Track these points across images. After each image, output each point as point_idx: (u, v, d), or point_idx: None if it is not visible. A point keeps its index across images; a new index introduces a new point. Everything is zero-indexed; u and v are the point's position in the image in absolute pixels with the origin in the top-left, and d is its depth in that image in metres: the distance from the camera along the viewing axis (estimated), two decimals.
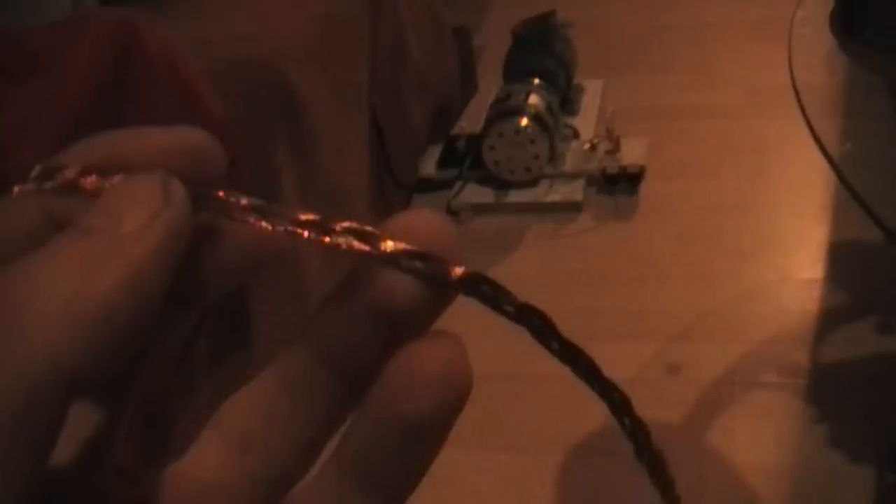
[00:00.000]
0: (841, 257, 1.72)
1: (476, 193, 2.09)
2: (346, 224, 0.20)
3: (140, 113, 1.16)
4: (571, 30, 2.33)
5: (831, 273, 1.70)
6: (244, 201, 0.21)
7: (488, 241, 1.96)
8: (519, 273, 1.86)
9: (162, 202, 0.20)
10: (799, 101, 0.86)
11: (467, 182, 2.11)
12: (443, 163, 2.17)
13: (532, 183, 2.06)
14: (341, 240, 0.20)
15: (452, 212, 2.06)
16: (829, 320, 1.60)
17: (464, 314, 0.21)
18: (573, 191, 2.03)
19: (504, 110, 2.02)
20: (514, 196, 2.06)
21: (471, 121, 2.27)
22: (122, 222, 0.19)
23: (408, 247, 0.19)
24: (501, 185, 2.07)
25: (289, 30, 1.64)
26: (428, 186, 2.16)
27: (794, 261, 1.75)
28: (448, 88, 2.32)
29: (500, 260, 1.90)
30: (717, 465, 1.40)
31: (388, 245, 0.19)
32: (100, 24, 1.18)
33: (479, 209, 2.07)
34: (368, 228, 0.20)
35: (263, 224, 0.20)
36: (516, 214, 2.05)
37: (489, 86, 2.28)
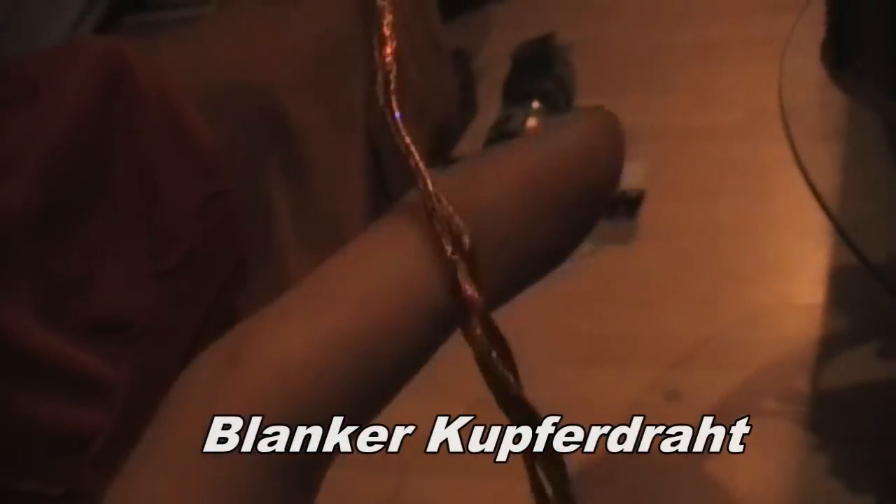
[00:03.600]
0: (842, 282, 1.70)
1: None
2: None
3: (129, 141, 1.15)
4: (570, 51, 2.32)
5: (833, 298, 1.68)
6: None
7: None
8: (517, 298, 1.84)
9: None
10: (787, 129, 0.85)
11: None
12: None
13: None
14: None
15: None
16: (831, 346, 1.58)
17: None
18: None
19: (503, 133, 2.02)
20: None
21: (470, 143, 2.25)
22: None
23: None
24: None
25: (283, 54, 1.63)
26: None
27: (795, 285, 1.74)
28: (447, 111, 2.31)
29: None
30: (717, 493, 1.38)
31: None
32: (90, 52, 1.17)
33: None
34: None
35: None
36: None
37: (489, 108, 2.27)
